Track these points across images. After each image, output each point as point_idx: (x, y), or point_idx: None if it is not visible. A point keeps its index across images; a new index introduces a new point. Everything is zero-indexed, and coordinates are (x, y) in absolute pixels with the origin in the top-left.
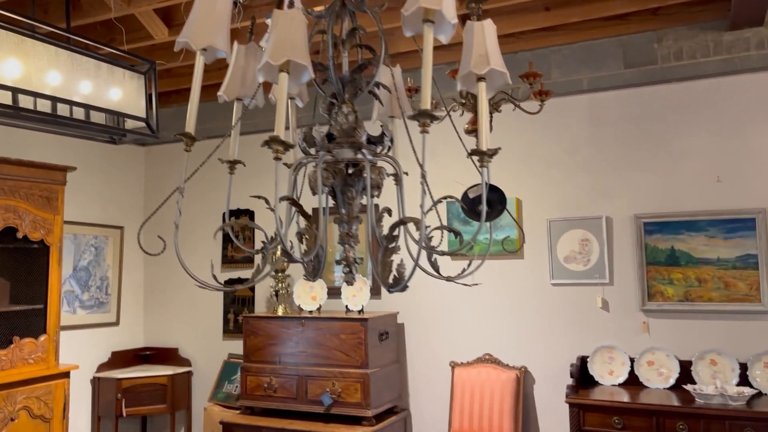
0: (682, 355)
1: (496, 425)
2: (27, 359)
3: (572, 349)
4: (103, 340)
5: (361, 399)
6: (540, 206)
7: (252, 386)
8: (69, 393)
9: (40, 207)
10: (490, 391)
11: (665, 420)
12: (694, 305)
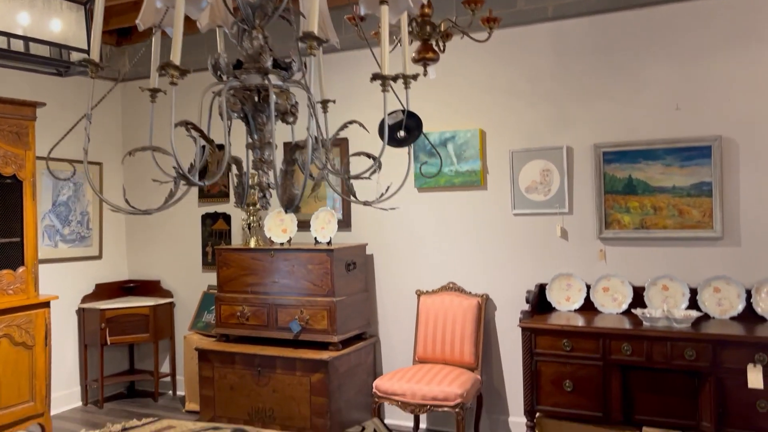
0: (636, 282)
1: (458, 349)
2: (6, 290)
3: (532, 277)
4: (87, 273)
5: (328, 326)
6: (503, 137)
7: (226, 315)
8: (50, 322)
9: (11, 143)
10: (452, 317)
11: (611, 342)
12: (649, 233)
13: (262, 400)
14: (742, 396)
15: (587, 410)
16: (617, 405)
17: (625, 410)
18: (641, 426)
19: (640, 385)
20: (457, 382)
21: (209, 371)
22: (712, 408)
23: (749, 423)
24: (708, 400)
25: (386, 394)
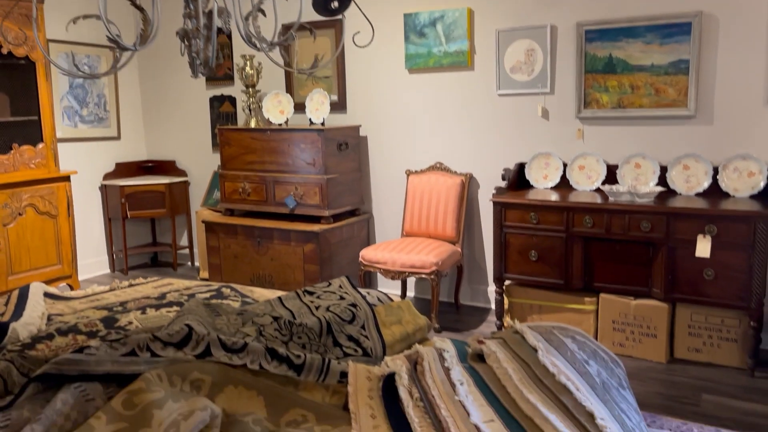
0: (610, 160)
1: (441, 224)
2: (28, 164)
3: (513, 156)
4: (107, 153)
5: (320, 201)
6: (490, 16)
7: (229, 191)
8: (71, 195)
9: (22, 24)
10: (437, 195)
11: (574, 215)
12: (625, 112)
13: (262, 267)
14: (691, 265)
15: (550, 278)
16: (578, 273)
17: (585, 278)
18: (599, 293)
19: (600, 256)
20: (434, 253)
21: (215, 241)
22: (663, 276)
23: (696, 290)
24: (660, 268)
25: (371, 262)
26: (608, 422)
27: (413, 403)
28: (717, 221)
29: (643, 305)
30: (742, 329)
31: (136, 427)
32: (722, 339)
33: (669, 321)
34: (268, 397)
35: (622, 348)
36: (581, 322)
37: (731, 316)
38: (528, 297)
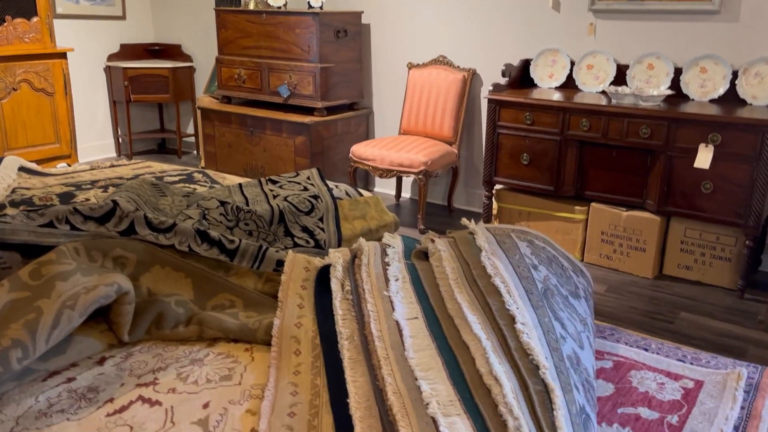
0: (622, 59)
1: (438, 123)
2: (22, 38)
3: (519, 51)
4: (111, 33)
5: (313, 92)
6: None
7: (226, 77)
8: (68, 73)
9: None
10: (437, 91)
11: (570, 117)
12: (643, 5)
13: (254, 158)
14: (689, 176)
15: (541, 183)
16: (570, 180)
17: (577, 186)
18: (590, 202)
19: (594, 162)
20: (425, 152)
21: (211, 129)
22: (658, 187)
23: (691, 203)
24: (656, 179)
25: (360, 159)
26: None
27: (342, 295)
28: (722, 129)
29: (634, 217)
30: (738, 248)
31: (36, 297)
32: (715, 257)
33: (660, 235)
34: (196, 280)
35: (608, 261)
36: (570, 231)
37: (728, 234)
38: (517, 203)
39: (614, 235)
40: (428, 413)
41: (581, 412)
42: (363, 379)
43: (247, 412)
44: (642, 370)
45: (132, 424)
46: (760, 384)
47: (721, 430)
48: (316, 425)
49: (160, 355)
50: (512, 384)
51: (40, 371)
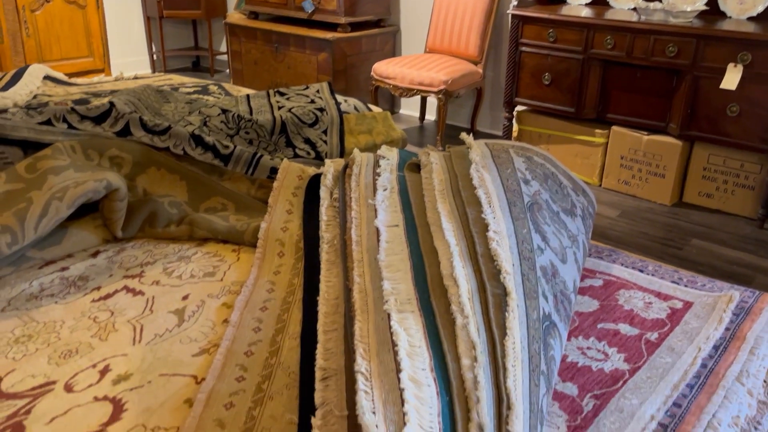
0: None
1: (464, 41)
2: None
3: None
4: None
5: (337, 7)
6: None
7: None
8: None
9: None
10: (464, 6)
11: (595, 34)
12: None
13: (279, 75)
14: (715, 98)
15: (562, 105)
16: (592, 102)
17: (598, 108)
18: (611, 125)
19: (617, 83)
20: (447, 71)
21: (238, 46)
22: (682, 109)
23: (715, 127)
24: (680, 101)
25: (381, 77)
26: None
27: (329, 203)
28: (753, 48)
29: (655, 141)
30: (762, 176)
31: (29, 188)
32: (738, 185)
33: (682, 161)
34: (190, 183)
35: (626, 186)
36: (589, 155)
37: (752, 161)
38: (538, 125)
39: (634, 159)
40: (384, 309)
41: (545, 320)
42: (336, 279)
43: (223, 305)
44: (632, 289)
45: (114, 309)
46: (752, 308)
47: (700, 348)
48: (285, 319)
49: (150, 252)
50: (470, 286)
51: (36, 259)
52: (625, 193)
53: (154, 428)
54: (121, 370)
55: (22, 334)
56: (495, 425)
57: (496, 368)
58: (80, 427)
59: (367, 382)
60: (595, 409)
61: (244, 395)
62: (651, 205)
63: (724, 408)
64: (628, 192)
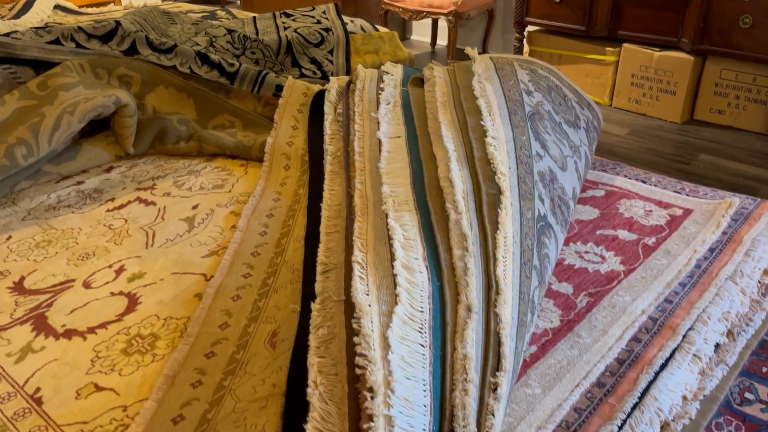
0: None
1: None
2: None
3: None
4: None
5: None
6: None
7: None
8: None
9: None
10: None
11: None
12: None
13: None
14: (728, 10)
15: (573, 23)
16: (603, 18)
17: (609, 25)
18: (623, 43)
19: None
20: None
21: None
22: (694, 23)
23: (728, 40)
24: (693, 14)
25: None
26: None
27: (333, 117)
28: None
29: (667, 57)
30: None
31: (42, 104)
32: (750, 100)
33: (693, 77)
34: (198, 101)
35: (637, 105)
36: (600, 74)
37: (765, 74)
38: (549, 45)
39: (645, 77)
40: (382, 210)
41: (540, 220)
42: (339, 188)
43: (231, 213)
44: (633, 199)
45: (127, 217)
46: (752, 214)
47: (695, 250)
48: (290, 224)
49: (161, 166)
50: (465, 187)
51: (53, 174)
52: (636, 112)
53: (166, 318)
54: (135, 269)
55: (42, 239)
56: (483, 308)
57: (487, 258)
58: (98, 318)
59: (363, 270)
60: (588, 306)
61: (250, 289)
62: (661, 123)
63: (715, 304)
64: (638, 111)
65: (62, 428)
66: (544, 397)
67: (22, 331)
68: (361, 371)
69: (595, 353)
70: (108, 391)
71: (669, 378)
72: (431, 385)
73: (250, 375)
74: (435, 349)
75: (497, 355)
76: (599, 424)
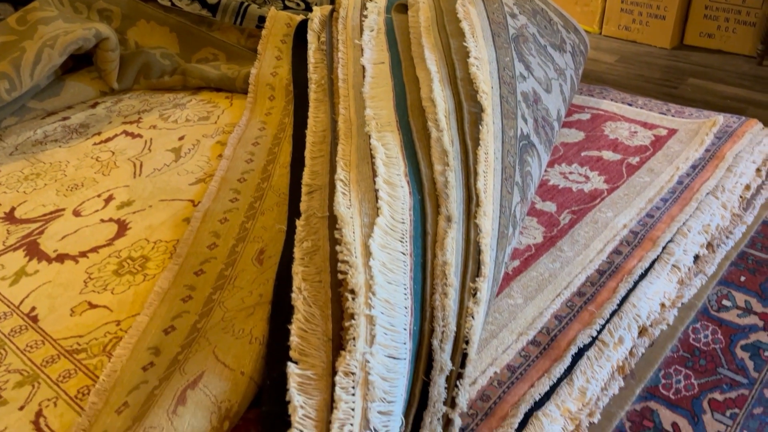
0: None
1: None
2: None
3: None
4: None
5: None
6: None
7: None
8: None
9: None
10: None
11: None
12: None
13: None
14: None
15: None
16: None
17: None
18: None
19: None
20: None
21: None
22: None
23: None
24: None
25: None
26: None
27: (317, 46)
28: None
29: None
30: (764, 11)
31: (22, 39)
32: (739, 23)
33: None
34: (181, 35)
35: (627, 32)
36: (589, 2)
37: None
38: None
39: (634, 2)
40: (365, 131)
41: (522, 139)
42: (324, 115)
43: (217, 143)
44: (619, 121)
45: (114, 150)
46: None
47: (678, 167)
48: (276, 152)
49: (147, 101)
50: (447, 106)
51: (38, 110)
52: (625, 39)
53: (156, 241)
54: (123, 198)
55: (30, 172)
56: (464, 220)
57: (468, 173)
58: (89, 243)
59: (346, 187)
60: (571, 222)
61: (238, 212)
62: (651, 49)
63: (696, 218)
64: (628, 38)
65: (58, 342)
66: (526, 306)
67: (15, 256)
68: (343, 276)
69: (577, 265)
70: (101, 308)
71: (648, 287)
72: (412, 290)
73: (238, 288)
74: (416, 256)
75: (477, 263)
76: (579, 330)
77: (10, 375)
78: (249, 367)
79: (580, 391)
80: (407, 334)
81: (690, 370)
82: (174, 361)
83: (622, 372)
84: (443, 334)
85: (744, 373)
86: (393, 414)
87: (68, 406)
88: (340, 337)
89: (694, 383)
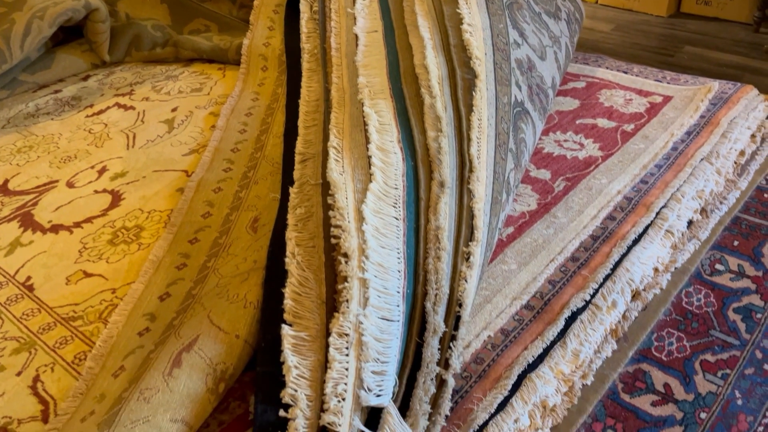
0: None
1: None
2: None
3: None
4: None
5: None
6: None
7: None
8: None
9: None
10: None
11: None
12: None
13: None
14: None
15: None
16: None
17: None
18: None
19: None
20: None
21: None
22: None
23: None
24: None
25: None
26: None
27: (309, 16)
28: None
29: None
30: None
31: (11, 11)
32: None
33: None
34: (172, 6)
35: (623, 0)
36: None
37: None
38: None
39: None
40: (358, 99)
41: (516, 106)
42: (317, 85)
43: (210, 114)
44: (614, 89)
45: (107, 122)
46: (731, 97)
47: (672, 134)
48: (269, 122)
49: (139, 73)
50: (440, 72)
51: (29, 84)
52: (622, 8)
53: (150, 211)
54: (117, 169)
55: (23, 145)
56: (457, 185)
57: (461, 139)
58: (83, 213)
59: (339, 154)
60: (565, 189)
61: (231, 182)
62: (647, 17)
63: (690, 183)
64: (624, 6)
65: (54, 310)
66: (520, 271)
67: (9, 228)
68: (336, 240)
69: (571, 231)
70: (97, 277)
71: (641, 251)
72: (405, 254)
73: (232, 255)
74: (409, 221)
75: (470, 228)
76: (572, 294)
77: (6, 342)
78: (244, 331)
79: (574, 354)
80: (400, 297)
81: (682, 332)
82: (169, 326)
83: (615, 335)
84: (436, 296)
85: (736, 334)
86: (387, 374)
87: (65, 371)
88: (334, 300)
89: (686, 345)
